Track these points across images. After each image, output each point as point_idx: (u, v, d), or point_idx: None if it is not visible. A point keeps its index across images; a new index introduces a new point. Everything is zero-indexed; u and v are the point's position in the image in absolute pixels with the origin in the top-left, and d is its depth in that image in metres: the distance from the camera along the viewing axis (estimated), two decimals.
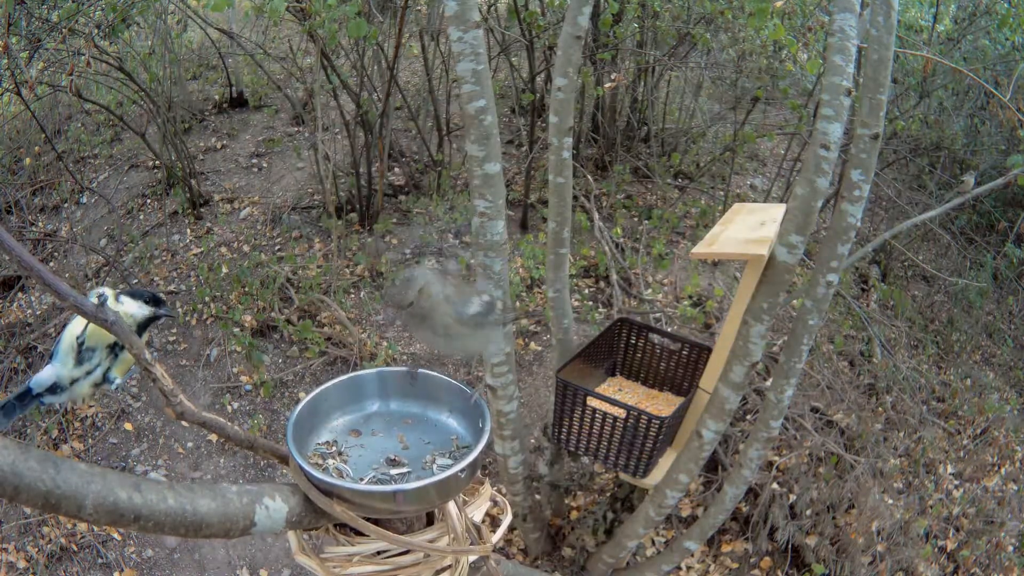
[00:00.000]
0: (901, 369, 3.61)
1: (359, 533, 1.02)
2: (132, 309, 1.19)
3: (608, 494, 2.78)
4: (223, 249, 4.21)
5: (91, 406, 3.45)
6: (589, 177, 4.27)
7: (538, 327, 3.80)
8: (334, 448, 1.13)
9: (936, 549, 2.98)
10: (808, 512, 2.91)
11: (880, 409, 3.45)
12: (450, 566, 1.07)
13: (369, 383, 1.21)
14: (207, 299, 3.83)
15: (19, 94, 3.32)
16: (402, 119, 5.09)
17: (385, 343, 3.66)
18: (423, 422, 1.19)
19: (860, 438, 3.17)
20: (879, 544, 2.85)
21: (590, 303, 3.91)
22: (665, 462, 2.20)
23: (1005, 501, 3.23)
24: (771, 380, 2.06)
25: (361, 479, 1.06)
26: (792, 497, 2.93)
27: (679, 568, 2.88)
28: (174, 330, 3.78)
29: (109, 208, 4.50)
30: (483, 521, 1.18)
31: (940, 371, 4.01)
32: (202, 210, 4.51)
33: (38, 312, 4.01)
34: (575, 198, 4.30)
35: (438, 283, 1.23)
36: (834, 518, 2.92)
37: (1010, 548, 3.04)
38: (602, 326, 3.05)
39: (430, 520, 1.13)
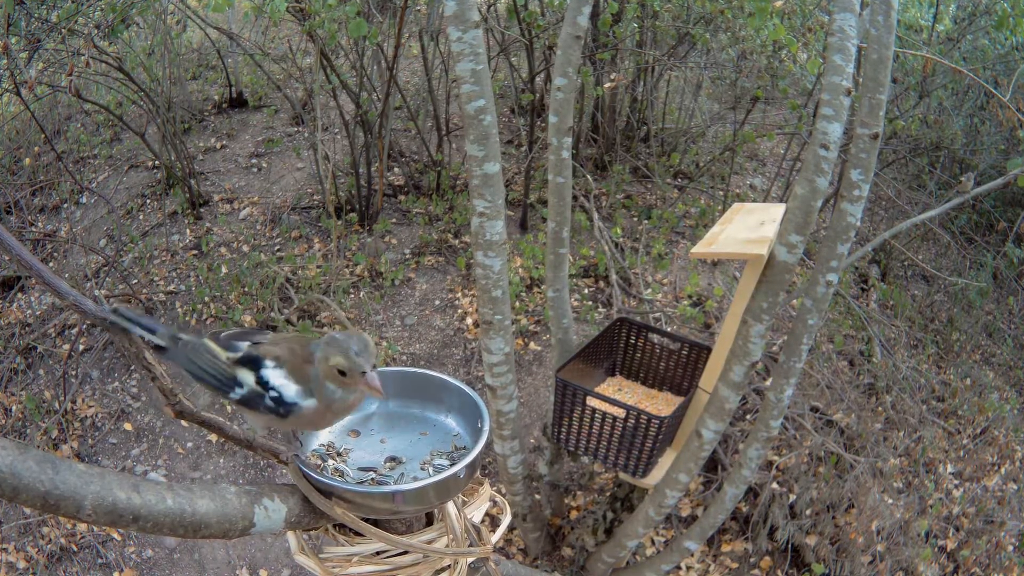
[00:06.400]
0: (901, 369, 3.61)
1: (358, 533, 1.02)
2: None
3: (608, 494, 2.78)
4: (223, 249, 4.21)
5: (91, 406, 3.45)
6: (589, 177, 4.27)
7: (538, 327, 3.81)
8: (333, 448, 1.13)
9: (936, 549, 2.98)
10: (808, 512, 2.91)
11: (880, 409, 3.45)
12: (449, 566, 1.07)
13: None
14: (207, 299, 3.83)
15: (19, 94, 3.32)
16: (402, 119, 5.09)
17: (385, 343, 3.66)
18: (422, 422, 1.19)
19: (860, 438, 3.17)
20: (879, 544, 2.85)
21: (590, 303, 3.91)
22: (665, 462, 2.20)
23: (1005, 501, 3.23)
24: (771, 380, 2.06)
25: (360, 480, 1.06)
26: (792, 497, 2.93)
27: (679, 568, 2.88)
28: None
29: (109, 208, 4.50)
30: (483, 521, 1.18)
31: (940, 371, 4.01)
32: (202, 210, 4.51)
33: (38, 312, 4.01)
34: (575, 198, 4.30)
35: None
36: (834, 518, 2.92)
37: (1010, 548, 3.04)
38: (602, 326, 3.05)
39: (429, 520, 1.13)
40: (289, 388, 0.98)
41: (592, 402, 2.08)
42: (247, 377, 0.98)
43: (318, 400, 0.98)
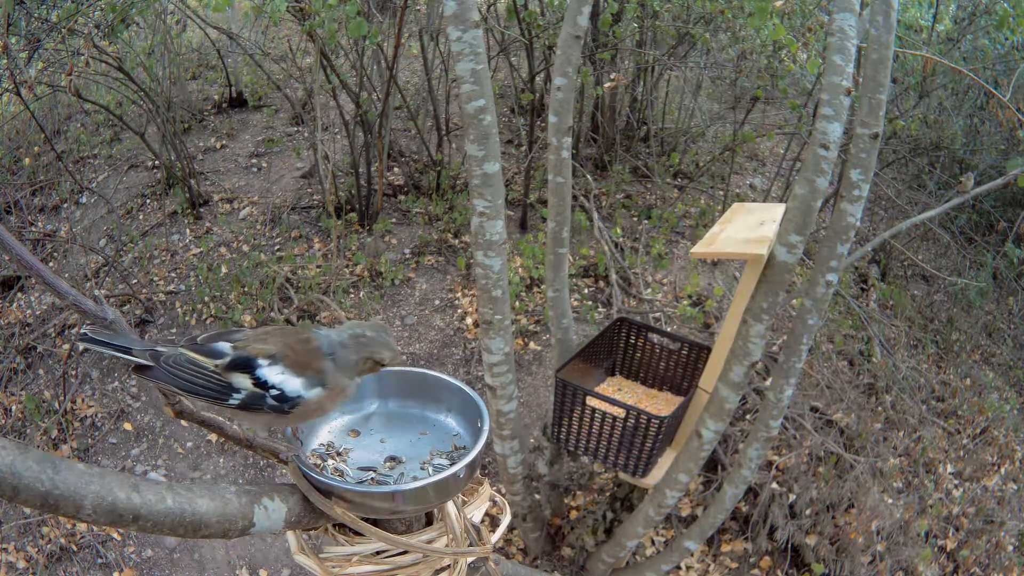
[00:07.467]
0: (901, 369, 3.61)
1: (358, 533, 1.02)
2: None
3: (608, 494, 2.78)
4: (222, 249, 4.21)
5: (91, 406, 3.45)
6: (588, 177, 4.27)
7: (538, 327, 3.81)
8: (333, 448, 1.13)
9: (936, 549, 2.98)
10: (808, 512, 2.91)
11: (880, 409, 3.45)
12: (449, 566, 1.07)
13: (368, 383, 1.20)
14: (207, 299, 3.83)
15: (19, 94, 3.32)
16: (401, 119, 5.08)
17: None
18: (422, 422, 1.19)
19: (860, 438, 3.17)
20: (879, 544, 2.85)
21: (589, 303, 3.91)
22: (665, 462, 2.20)
23: (1005, 500, 3.23)
24: (771, 380, 2.06)
25: (360, 480, 1.06)
26: (792, 497, 2.93)
27: (679, 568, 2.88)
28: (174, 330, 3.78)
29: (109, 208, 4.50)
30: (482, 521, 1.18)
31: (940, 371, 4.01)
32: (201, 210, 4.51)
33: (38, 312, 4.01)
34: (574, 198, 4.30)
35: None
36: (834, 518, 2.92)
37: (1010, 548, 3.04)
38: (601, 326, 3.05)
39: (429, 520, 1.13)
40: (291, 382, 0.98)
41: (592, 402, 2.08)
42: (243, 381, 0.98)
43: (327, 388, 0.99)
